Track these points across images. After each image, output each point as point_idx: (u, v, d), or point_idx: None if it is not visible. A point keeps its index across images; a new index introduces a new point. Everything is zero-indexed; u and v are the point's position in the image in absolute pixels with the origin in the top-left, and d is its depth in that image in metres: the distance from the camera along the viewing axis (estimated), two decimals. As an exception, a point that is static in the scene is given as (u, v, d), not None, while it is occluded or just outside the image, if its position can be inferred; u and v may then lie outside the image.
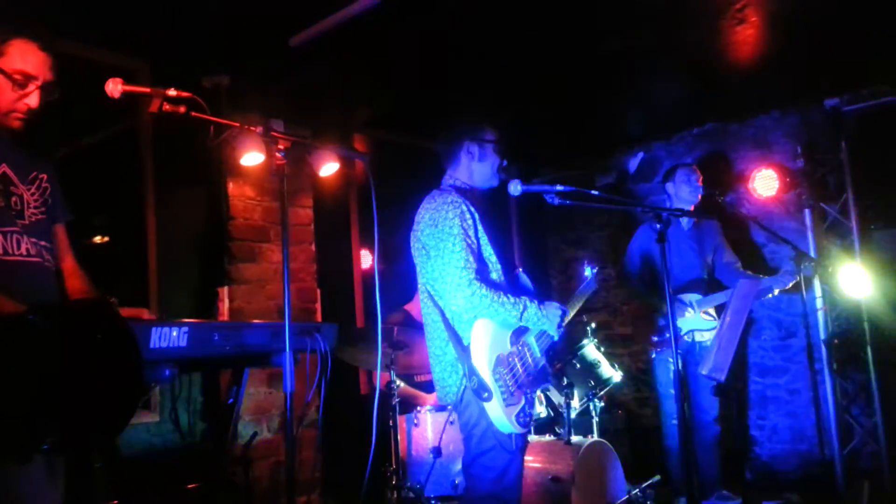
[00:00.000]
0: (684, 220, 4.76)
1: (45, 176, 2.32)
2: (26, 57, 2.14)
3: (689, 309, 4.50)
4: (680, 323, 4.48)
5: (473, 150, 2.93)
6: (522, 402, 2.65)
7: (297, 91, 4.42)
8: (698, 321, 4.49)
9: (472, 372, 2.60)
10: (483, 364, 2.60)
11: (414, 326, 4.03)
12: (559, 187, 2.85)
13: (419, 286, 2.87)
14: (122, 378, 1.62)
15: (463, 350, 2.65)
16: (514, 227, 6.60)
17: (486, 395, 2.57)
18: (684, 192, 4.70)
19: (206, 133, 4.11)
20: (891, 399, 4.91)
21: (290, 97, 4.45)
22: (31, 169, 2.27)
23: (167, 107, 2.09)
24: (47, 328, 1.57)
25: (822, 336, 5.13)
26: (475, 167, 2.94)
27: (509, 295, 2.69)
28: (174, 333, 1.87)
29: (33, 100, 2.16)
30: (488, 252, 2.79)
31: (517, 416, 2.62)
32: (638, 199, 6.06)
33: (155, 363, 1.82)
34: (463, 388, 2.65)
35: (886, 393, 4.91)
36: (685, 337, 4.48)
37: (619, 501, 3.81)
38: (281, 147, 2.30)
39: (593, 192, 2.96)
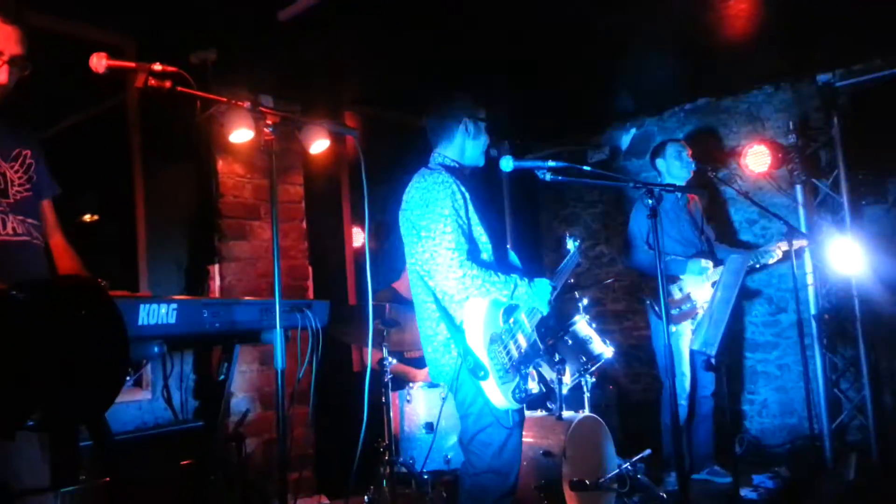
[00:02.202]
0: (679, 195, 4.75)
1: (29, 152, 2.27)
2: None
3: (703, 278, 4.49)
4: (695, 295, 4.48)
5: (470, 128, 2.92)
6: (517, 378, 2.67)
7: (287, 67, 4.37)
8: (709, 293, 4.48)
9: (467, 352, 2.61)
10: (478, 343, 2.62)
11: (403, 304, 4.03)
12: (550, 163, 2.84)
13: (408, 265, 2.86)
14: (107, 355, 1.61)
15: (456, 330, 2.65)
16: (506, 205, 6.58)
17: (482, 374, 2.59)
18: (676, 168, 4.69)
19: (194, 109, 4.09)
20: (879, 374, 4.96)
21: (279, 73, 4.40)
22: (13, 146, 2.23)
23: (153, 81, 2.06)
24: (31, 304, 1.56)
25: (813, 311, 5.16)
26: (468, 145, 2.94)
27: (499, 274, 2.70)
28: (163, 310, 1.86)
29: (1, 76, 2.07)
30: (479, 232, 2.79)
31: (513, 392, 2.64)
32: (630, 176, 6.04)
33: (143, 340, 1.81)
34: (458, 367, 2.65)
35: (875, 368, 4.96)
36: (699, 309, 4.46)
37: (610, 475, 3.84)
38: (269, 122, 2.27)
39: (585, 167, 2.96)
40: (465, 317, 2.66)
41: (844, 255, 4.86)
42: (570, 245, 3.65)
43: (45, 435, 1.99)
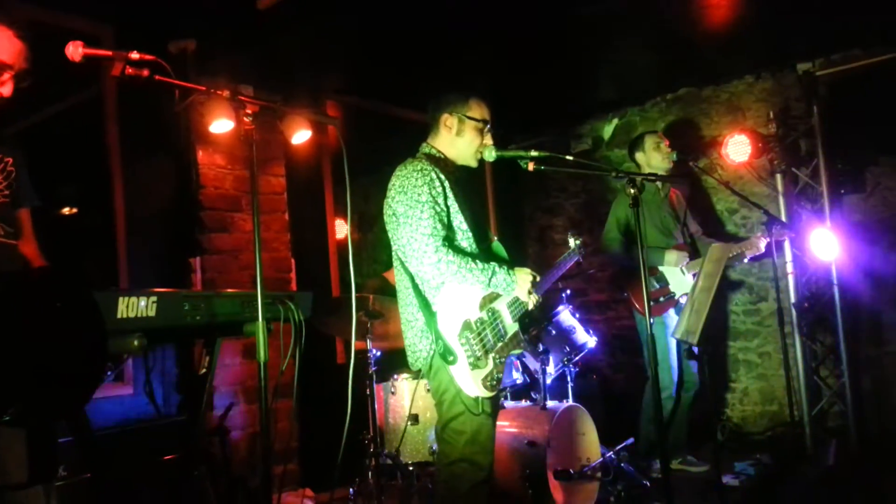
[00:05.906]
0: (660, 187, 4.76)
1: (11, 160, 2.27)
2: (1, 44, 2.08)
3: (681, 269, 4.52)
4: (674, 286, 4.51)
5: (451, 124, 2.91)
6: (490, 366, 2.68)
7: (267, 56, 4.32)
8: (688, 283, 4.51)
9: (437, 336, 2.63)
10: (449, 328, 2.64)
11: (390, 294, 4.01)
12: (533, 153, 2.84)
13: (392, 253, 2.87)
14: (84, 348, 1.58)
15: (430, 315, 2.68)
16: (490, 195, 6.58)
17: (451, 358, 2.61)
18: (656, 160, 4.70)
19: (173, 99, 4.03)
20: (858, 360, 5.03)
21: (259, 62, 4.35)
22: None
23: (130, 70, 2.02)
24: (3, 296, 1.53)
25: (793, 300, 5.21)
26: (453, 141, 2.92)
27: (477, 261, 2.70)
28: (142, 303, 1.83)
29: (6, 89, 2.11)
30: (459, 220, 2.79)
31: (483, 379, 2.64)
32: (612, 166, 6.06)
33: (122, 333, 1.78)
34: (432, 353, 2.66)
35: (854, 354, 5.02)
36: (679, 299, 4.49)
37: (594, 464, 3.86)
38: (249, 112, 2.24)
39: (567, 157, 2.95)
40: (439, 302, 2.68)
41: (824, 244, 4.90)
42: (572, 243, 3.65)
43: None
